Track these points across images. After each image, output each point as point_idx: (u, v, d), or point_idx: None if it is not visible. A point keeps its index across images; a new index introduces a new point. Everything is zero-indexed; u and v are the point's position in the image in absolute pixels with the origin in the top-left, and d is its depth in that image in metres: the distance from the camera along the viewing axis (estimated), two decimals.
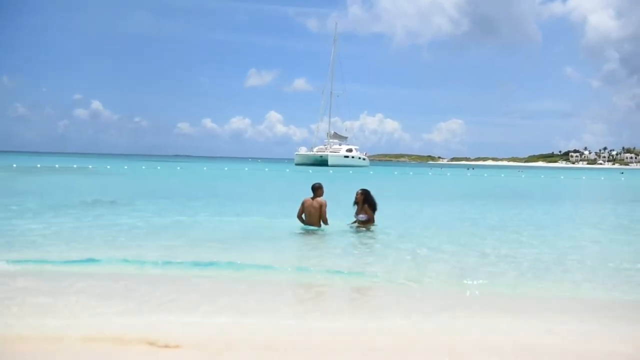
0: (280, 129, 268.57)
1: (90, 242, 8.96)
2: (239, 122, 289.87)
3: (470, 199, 22.76)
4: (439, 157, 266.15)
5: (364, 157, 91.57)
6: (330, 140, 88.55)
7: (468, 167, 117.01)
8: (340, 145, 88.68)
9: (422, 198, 22.58)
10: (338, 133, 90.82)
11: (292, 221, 11.34)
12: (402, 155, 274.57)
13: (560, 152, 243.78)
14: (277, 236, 10.23)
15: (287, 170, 60.49)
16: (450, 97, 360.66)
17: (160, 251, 8.25)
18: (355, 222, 10.93)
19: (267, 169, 62.09)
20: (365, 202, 10.92)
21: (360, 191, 10.99)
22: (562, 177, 61.16)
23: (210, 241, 9.45)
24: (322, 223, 10.58)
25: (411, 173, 60.42)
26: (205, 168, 59.31)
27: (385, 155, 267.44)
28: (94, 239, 9.37)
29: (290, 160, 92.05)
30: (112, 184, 27.69)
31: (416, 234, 10.74)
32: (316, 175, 43.15)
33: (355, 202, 11.01)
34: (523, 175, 64.63)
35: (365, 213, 10.84)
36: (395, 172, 61.46)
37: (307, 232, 10.45)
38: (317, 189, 10.72)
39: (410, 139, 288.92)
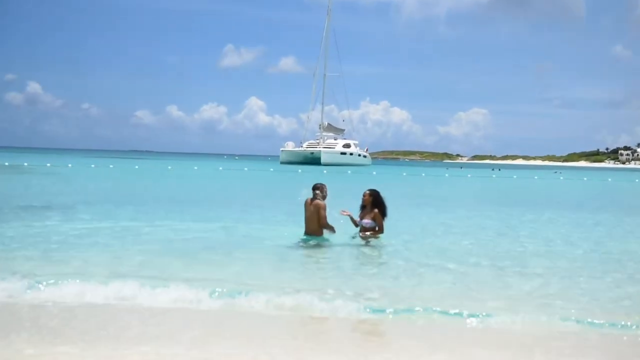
0: (263, 119, 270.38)
1: (8, 259, 8.69)
2: (211, 111, 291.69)
3: (497, 205, 22.78)
4: (458, 155, 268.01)
5: (365, 154, 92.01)
6: (324, 134, 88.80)
7: (493, 167, 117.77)
8: (335, 139, 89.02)
9: (438, 204, 22.50)
10: (333, 125, 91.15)
11: (278, 231, 11.43)
12: (412, 153, 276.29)
13: (607, 149, 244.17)
14: (257, 249, 10.17)
15: (271, 169, 60.80)
16: (472, 82, 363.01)
17: (99, 268, 8.10)
18: (347, 213, 10.89)
19: (246, 169, 62.15)
20: (375, 206, 10.80)
21: (368, 192, 10.91)
22: (609, 179, 61.52)
23: (164, 256, 9.35)
24: (324, 231, 10.50)
25: (423, 174, 60.68)
26: (170, 167, 59.13)
27: (392, 152, 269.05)
28: (14, 255, 9.08)
29: (274, 157, 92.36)
30: (52, 186, 27.37)
31: (436, 249, 10.72)
32: (307, 175, 43.14)
33: (363, 205, 10.93)
34: (561, 177, 65.07)
35: (374, 219, 10.74)
36: (404, 173, 61.72)
37: (300, 244, 10.41)
38: (317, 190, 10.59)
39: (423, 133, 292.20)
